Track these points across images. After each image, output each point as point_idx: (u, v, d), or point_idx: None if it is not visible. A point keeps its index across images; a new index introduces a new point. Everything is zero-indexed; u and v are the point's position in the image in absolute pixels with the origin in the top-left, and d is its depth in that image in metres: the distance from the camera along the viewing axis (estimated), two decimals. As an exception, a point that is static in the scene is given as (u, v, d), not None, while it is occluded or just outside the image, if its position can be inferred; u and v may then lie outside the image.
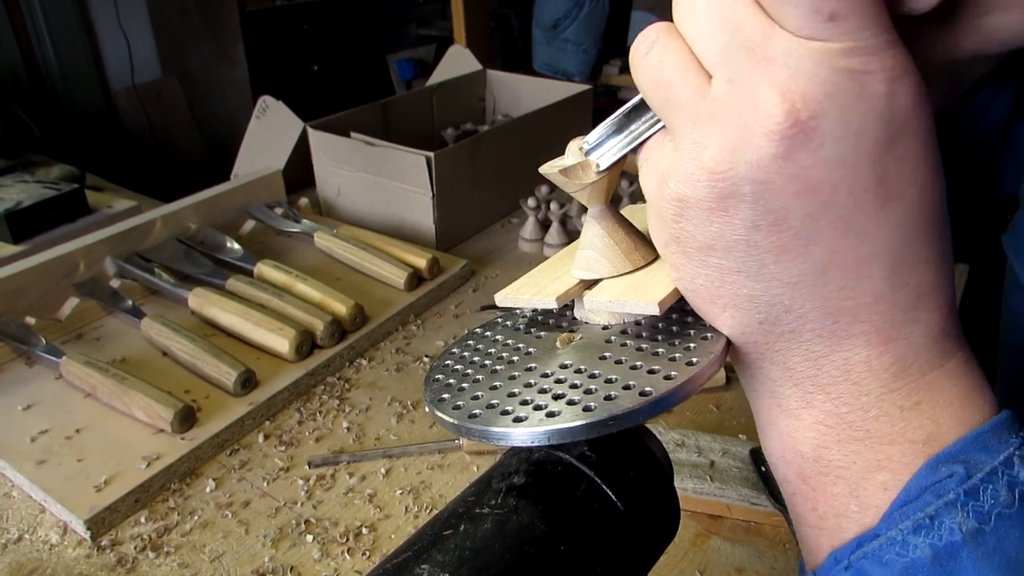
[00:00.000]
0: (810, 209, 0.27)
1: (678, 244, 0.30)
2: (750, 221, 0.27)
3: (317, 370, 0.85)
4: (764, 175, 0.26)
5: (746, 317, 0.30)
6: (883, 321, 0.28)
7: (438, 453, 0.75)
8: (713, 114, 0.27)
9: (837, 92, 0.25)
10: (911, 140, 0.27)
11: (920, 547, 0.27)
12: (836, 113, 0.25)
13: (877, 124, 0.26)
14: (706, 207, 0.28)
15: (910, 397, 0.29)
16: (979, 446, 0.28)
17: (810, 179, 0.26)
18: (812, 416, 0.31)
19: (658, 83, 0.29)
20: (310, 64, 3.18)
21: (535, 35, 2.94)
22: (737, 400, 0.81)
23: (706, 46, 0.27)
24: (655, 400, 0.29)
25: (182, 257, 1.00)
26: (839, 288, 0.28)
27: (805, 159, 0.26)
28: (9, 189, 1.18)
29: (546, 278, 0.38)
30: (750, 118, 0.26)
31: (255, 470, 0.73)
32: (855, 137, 0.26)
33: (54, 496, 0.67)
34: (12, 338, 0.84)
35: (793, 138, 0.25)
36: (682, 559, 0.63)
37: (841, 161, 0.26)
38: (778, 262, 0.28)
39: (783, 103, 0.25)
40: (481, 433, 0.31)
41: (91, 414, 0.77)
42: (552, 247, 1.12)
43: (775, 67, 0.26)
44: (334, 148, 1.17)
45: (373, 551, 0.64)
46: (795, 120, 0.25)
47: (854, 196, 0.26)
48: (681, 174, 0.28)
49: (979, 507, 0.26)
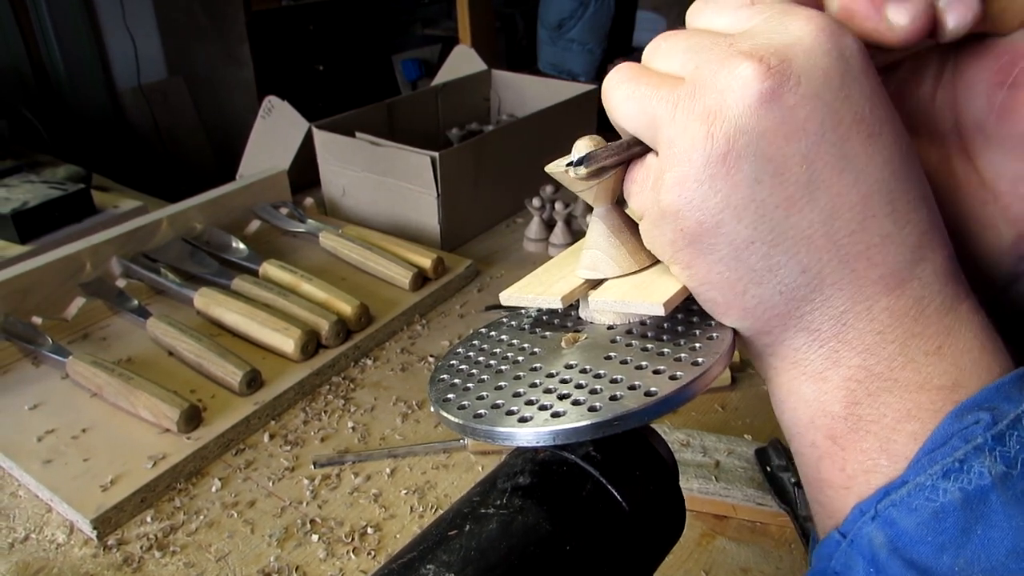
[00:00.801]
0: (804, 151, 0.28)
1: (685, 238, 0.31)
2: (752, 176, 0.28)
3: (322, 370, 0.85)
4: (755, 123, 0.28)
5: (766, 291, 0.30)
6: (896, 261, 0.29)
7: (443, 453, 0.75)
8: (690, 92, 0.29)
9: (794, 41, 0.28)
10: (871, 81, 0.29)
11: (950, 491, 0.27)
12: (800, 56, 0.28)
13: (838, 63, 0.28)
14: (706, 176, 0.29)
15: (932, 341, 0.30)
16: (1002, 395, 0.28)
17: (797, 118, 0.28)
18: (840, 374, 0.31)
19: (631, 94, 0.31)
20: (315, 64, 3.18)
21: (540, 35, 2.94)
22: (742, 400, 0.81)
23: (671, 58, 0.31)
24: (660, 400, 0.29)
25: (188, 257, 1.00)
26: (849, 232, 0.29)
27: (788, 98, 0.28)
28: (16, 189, 1.19)
29: (551, 278, 0.38)
30: (726, 80, 0.28)
31: (261, 470, 0.73)
32: (823, 75, 0.28)
33: (60, 495, 0.67)
34: (19, 338, 0.85)
35: (771, 79, 0.27)
36: (687, 559, 0.63)
37: (819, 97, 0.28)
38: (789, 216, 0.29)
39: (751, 57, 0.28)
40: (486, 433, 0.31)
41: (97, 414, 0.77)
42: (557, 247, 1.12)
43: (735, 40, 0.29)
44: (339, 148, 1.17)
45: (378, 551, 0.64)
46: (767, 67, 0.28)
47: (839, 132, 0.28)
48: (675, 159, 0.29)
49: (1006, 452, 0.27)
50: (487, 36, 1.98)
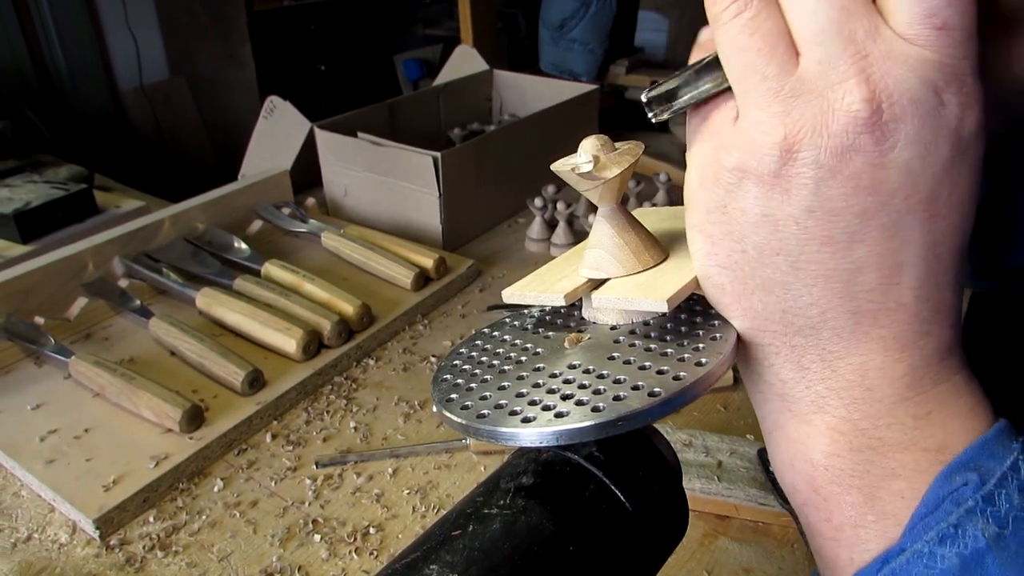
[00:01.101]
0: (866, 206, 0.27)
1: (723, 214, 0.30)
2: (807, 205, 0.28)
3: (324, 370, 0.85)
4: (834, 163, 0.27)
5: (772, 303, 0.30)
6: (901, 329, 0.29)
7: (445, 453, 0.75)
8: (797, 92, 0.27)
9: (919, 102, 0.26)
10: (967, 166, 0.28)
11: (948, 557, 0.27)
12: (915, 122, 0.26)
13: (946, 143, 0.27)
14: (768, 182, 0.28)
15: (922, 407, 0.30)
16: (986, 453, 0.28)
17: (875, 178, 0.27)
18: (824, 421, 0.31)
19: (744, 48, 0.28)
20: (317, 64, 3.18)
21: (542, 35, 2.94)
22: (745, 400, 0.81)
23: (806, 22, 0.27)
24: (664, 401, 0.29)
25: (190, 257, 1.01)
26: (868, 290, 0.29)
27: (876, 157, 0.27)
28: (18, 189, 1.19)
29: (554, 276, 0.38)
30: (835, 104, 0.26)
31: (263, 470, 0.73)
32: (925, 149, 0.27)
33: (63, 495, 0.67)
34: (21, 338, 0.85)
35: (871, 134, 0.26)
36: (690, 559, 0.62)
37: (907, 168, 0.27)
38: (820, 251, 0.28)
39: (871, 99, 0.26)
40: (489, 433, 0.31)
41: (100, 414, 0.77)
42: (559, 247, 1.12)
43: (870, 62, 0.26)
44: (341, 148, 1.17)
45: (380, 551, 0.64)
46: (878, 118, 0.26)
47: (908, 204, 0.27)
48: (749, 145, 0.28)
49: (996, 512, 0.27)
50: (489, 36, 1.98)
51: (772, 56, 0.27)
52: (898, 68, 0.26)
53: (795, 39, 0.28)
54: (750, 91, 0.28)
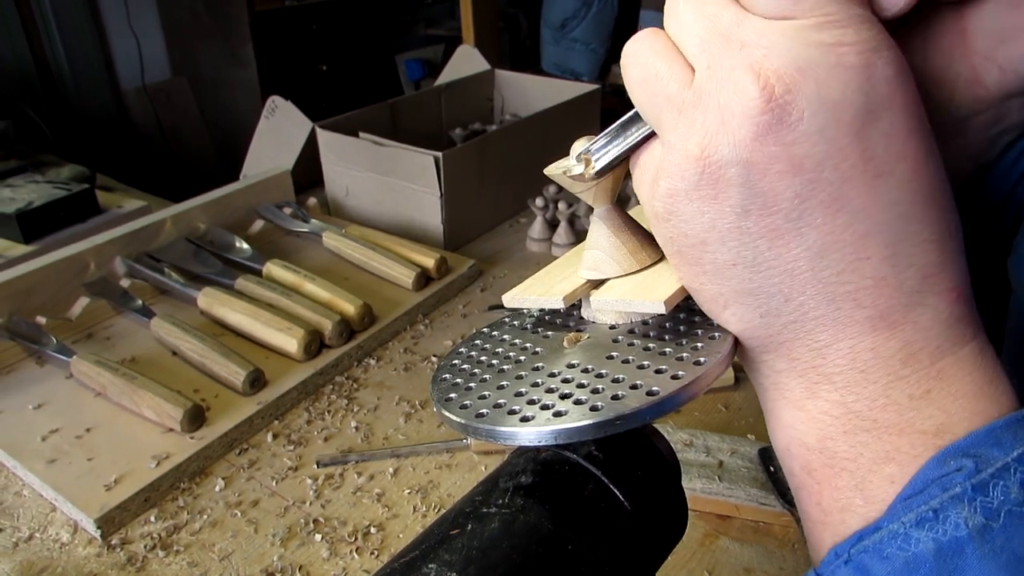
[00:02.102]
0: (797, 188, 0.27)
1: (673, 244, 0.31)
2: (740, 206, 0.28)
3: (325, 370, 0.85)
4: (748, 155, 0.27)
5: (748, 312, 0.30)
6: (887, 305, 0.28)
7: (446, 453, 0.75)
8: (695, 102, 0.28)
9: (810, 66, 0.26)
10: (896, 113, 0.27)
11: (923, 541, 0.26)
12: (811, 86, 0.26)
13: (856, 96, 0.26)
14: (695, 196, 0.28)
15: (920, 385, 0.29)
16: (991, 441, 0.27)
17: (793, 156, 0.26)
18: (817, 407, 0.30)
19: (644, 79, 0.29)
20: (319, 64, 3.18)
21: (543, 35, 2.95)
22: (746, 400, 0.81)
23: (687, 39, 0.28)
24: (662, 400, 0.29)
25: (191, 257, 1.01)
26: (838, 272, 0.28)
27: (786, 135, 0.26)
28: (20, 189, 1.19)
29: (553, 278, 0.38)
30: (728, 100, 0.26)
31: (264, 469, 0.74)
32: (833, 109, 0.26)
33: (64, 495, 0.67)
34: (23, 337, 0.85)
35: (771, 114, 0.26)
36: (690, 559, 0.63)
37: (822, 135, 0.26)
38: (772, 247, 0.28)
39: (757, 81, 0.26)
40: (488, 432, 0.31)
41: (101, 413, 0.78)
42: (560, 247, 1.12)
43: (749, 49, 0.26)
44: (343, 148, 1.17)
45: (381, 550, 0.64)
46: (770, 96, 0.26)
47: (840, 171, 0.26)
48: (669, 166, 0.29)
49: (988, 503, 0.26)
50: (490, 36, 1.98)
51: (669, 76, 0.28)
52: (776, 44, 0.26)
53: (687, 58, 0.29)
54: (659, 117, 0.29)
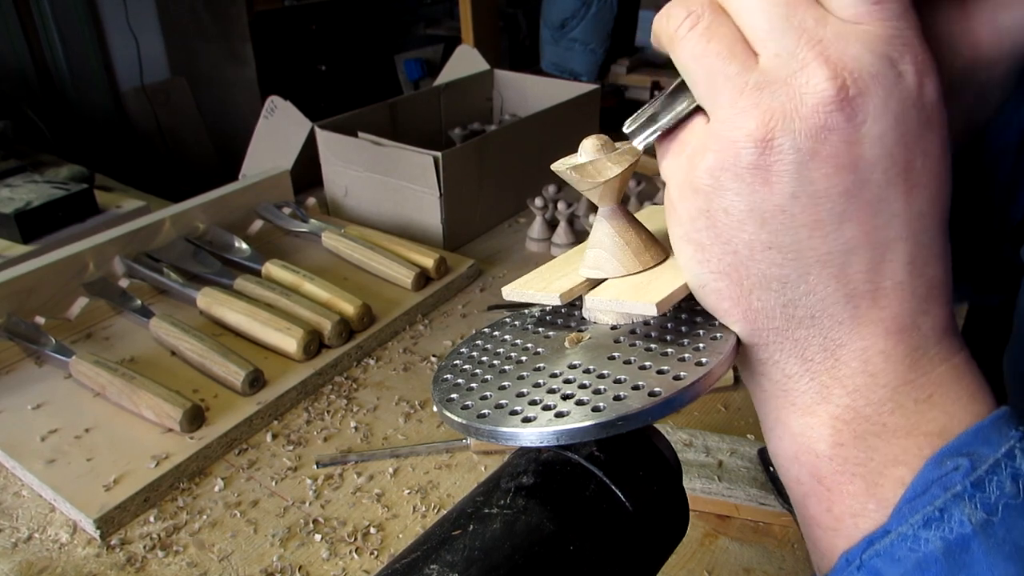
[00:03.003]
0: (848, 184, 0.28)
1: (708, 219, 0.30)
2: (790, 191, 0.28)
3: (325, 370, 0.85)
4: (811, 144, 0.27)
5: (772, 299, 0.30)
6: (900, 309, 0.29)
7: (446, 453, 0.75)
8: (761, 85, 0.28)
9: (880, 75, 0.27)
10: (936, 134, 0.28)
11: (932, 540, 0.27)
12: (880, 94, 0.27)
13: (911, 111, 0.28)
14: (749, 176, 0.28)
15: (924, 390, 0.30)
16: (980, 439, 0.28)
17: (852, 154, 0.27)
18: (828, 411, 0.31)
19: (703, 55, 0.29)
20: (318, 64, 3.18)
21: (543, 34, 2.94)
22: (745, 400, 0.81)
23: (756, 23, 0.28)
24: (664, 401, 0.29)
25: (190, 257, 1.01)
26: (863, 270, 0.29)
27: (851, 133, 0.27)
28: (19, 189, 1.19)
29: (553, 275, 0.38)
30: (801, 89, 0.27)
31: (263, 469, 0.73)
32: (894, 119, 0.27)
33: (64, 495, 0.67)
34: (22, 338, 0.85)
35: (842, 111, 0.27)
36: (690, 559, 0.62)
37: (881, 140, 0.27)
38: (812, 237, 0.29)
39: (835, 78, 0.27)
40: (490, 433, 0.31)
41: (100, 413, 0.77)
42: (559, 247, 1.12)
43: (825, 45, 0.27)
44: (342, 148, 1.17)
45: (381, 550, 0.64)
46: (845, 95, 0.27)
47: (888, 176, 0.28)
48: (723, 143, 0.29)
49: (986, 498, 0.27)
50: (490, 36, 1.98)
51: (732, 57, 0.29)
52: (852, 46, 0.27)
53: (750, 41, 0.29)
54: (717, 94, 0.29)
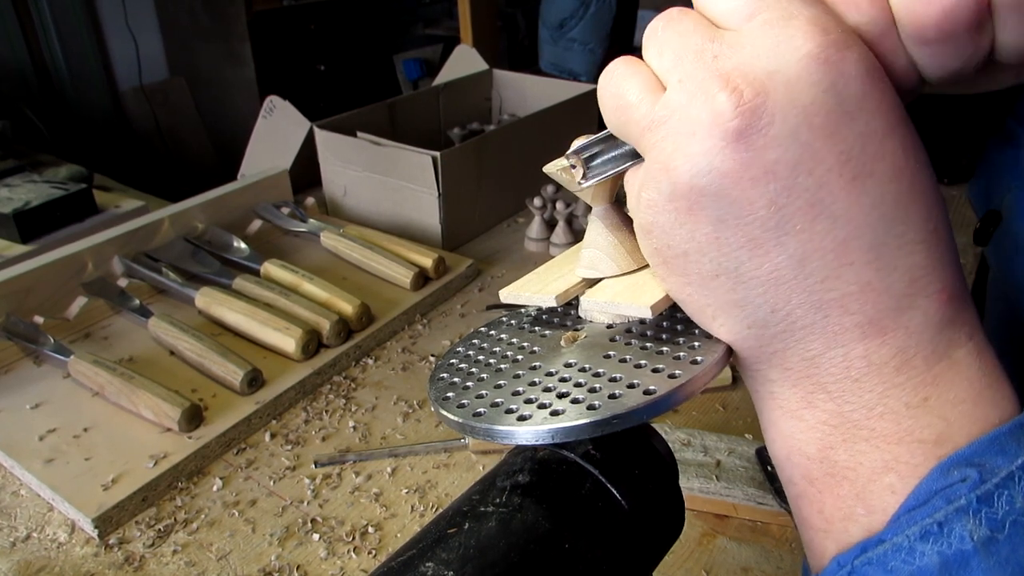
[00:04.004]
0: (772, 195, 0.26)
1: (659, 255, 0.31)
2: (716, 217, 0.27)
3: (323, 369, 0.85)
4: (719, 163, 0.26)
5: (735, 323, 0.30)
6: (875, 310, 0.27)
7: (444, 452, 0.75)
8: (665, 117, 0.28)
9: (780, 69, 0.25)
10: (871, 112, 0.26)
11: (928, 554, 0.26)
12: (781, 90, 0.25)
13: (826, 97, 0.25)
14: (672, 208, 0.28)
15: (916, 393, 0.28)
16: (995, 449, 0.26)
17: (766, 162, 0.26)
18: (815, 416, 0.30)
19: (619, 107, 0.30)
20: (317, 64, 3.18)
21: (541, 34, 2.94)
22: (743, 399, 0.81)
23: (661, 61, 0.29)
24: (659, 399, 0.29)
25: (189, 256, 1.01)
26: (822, 279, 0.27)
27: (756, 140, 0.26)
28: (17, 189, 1.19)
29: (550, 276, 0.38)
30: (698, 110, 0.26)
31: (262, 469, 0.74)
32: (804, 112, 0.25)
33: (62, 494, 0.67)
34: (20, 337, 0.85)
35: (740, 119, 0.25)
36: (688, 558, 0.63)
37: (794, 138, 0.25)
38: (752, 257, 0.28)
39: (726, 88, 0.26)
40: (486, 432, 0.31)
41: (99, 413, 0.77)
42: (558, 247, 1.12)
43: (720, 60, 0.26)
44: (341, 148, 1.17)
45: (379, 550, 0.65)
46: (738, 101, 0.25)
47: (816, 176, 0.26)
48: (648, 180, 0.29)
49: (993, 514, 0.25)
50: (488, 36, 1.98)
51: (641, 101, 0.29)
52: (744, 51, 0.26)
53: (661, 80, 0.29)
54: (638, 140, 0.30)
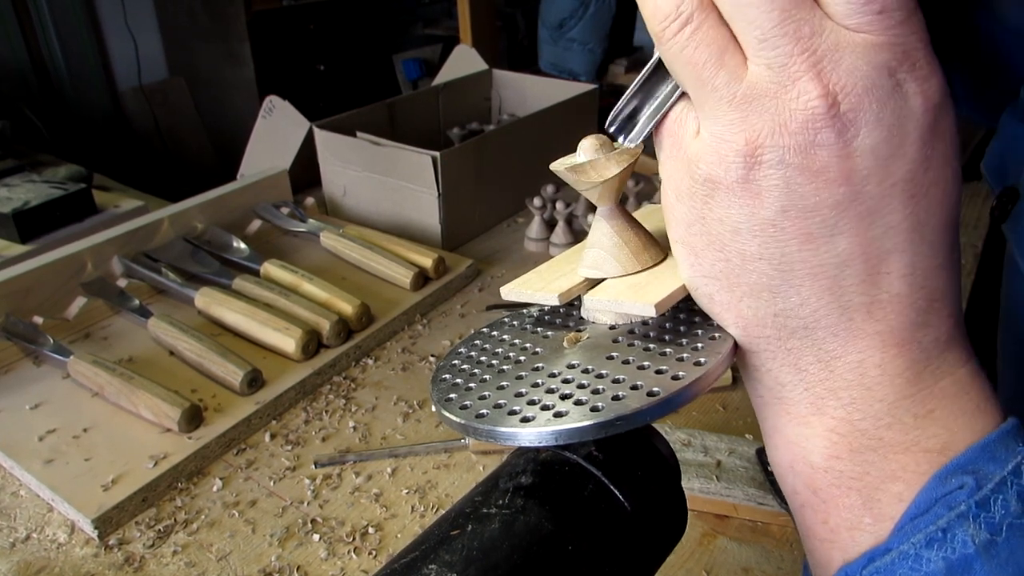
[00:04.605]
0: (839, 198, 0.27)
1: (703, 225, 0.30)
2: (779, 206, 0.28)
3: (323, 370, 0.85)
4: (799, 160, 0.27)
5: (763, 308, 0.30)
6: (897, 322, 0.29)
7: (444, 452, 0.75)
8: (750, 98, 0.27)
9: (874, 87, 0.26)
10: (939, 141, 0.27)
11: (934, 561, 0.26)
12: (873, 107, 0.26)
13: (910, 121, 0.27)
14: (738, 189, 0.28)
15: (924, 405, 0.29)
16: (987, 456, 0.28)
17: (843, 168, 0.27)
18: (823, 423, 0.30)
19: (691, 63, 0.28)
20: (316, 64, 3.18)
21: (541, 34, 2.94)
22: (743, 400, 0.81)
23: (749, 29, 0.27)
24: (663, 400, 0.29)
25: (189, 257, 1.00)
26: (858, 283, 0.28)
27: (841, 148, 0.27)
28: (17, 189, 1.19)
29: (552, 274, 0.38)
30: (790, 104, 0.26)
31: (262, 469, 0.73)
32: (889, 131, 0.27)
33: (62, 495, 0.67)
34: (20, 337, 0.85)
35: (832, 127, 0.26)
36: (688, 559, 0.63)
37: (874, 153, 0.27)
38: (802, 250, 0.28)
39: (825, 94, 0.26)
40: (488, 433, 0.31)
41: (98, 413, 0.77)
42: (558, 247, 1.12)
43: (819, 57, 0.26)
44: (340, 148, 1.17)
45: (379, 550, 0.64)
46: (836, 110, 0.26)
47: (882, 188, 0.27)
48: (714, 155, 0.28)
49: (990, 518, 0.26)
50: (488, 36, 1.98)
51: (720, 66, 0.27)
52: (847, 58, 0.26)
53: (742, 46, 0.27)
54: (704, 103, 0.28)
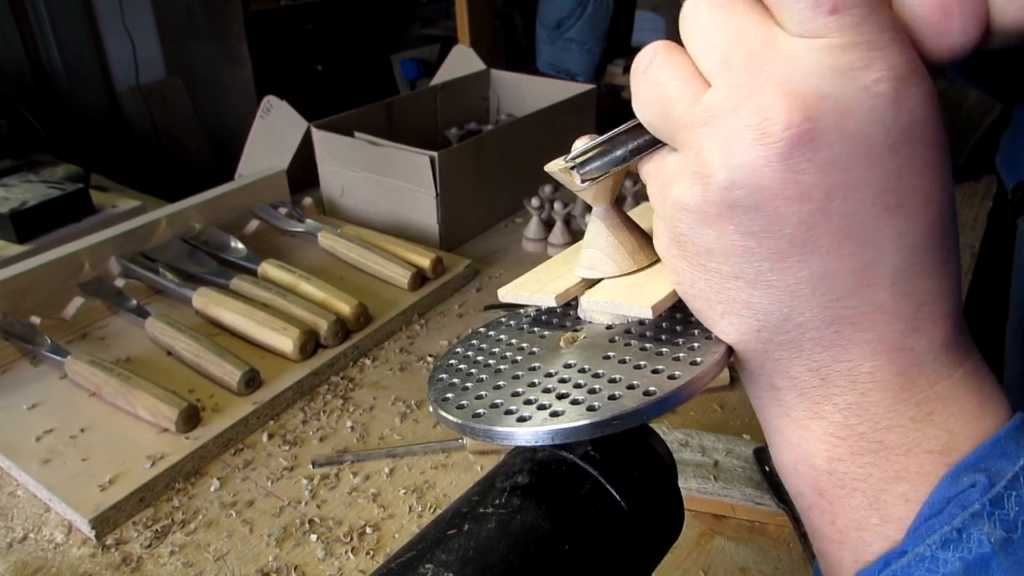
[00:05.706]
0: (804, 215, 0.26)
1: (679, 247, 0.30)
2: (745, 227, 0.27)
3: (321, 370, 0.85)
4: (757, 179, 0.26)
5: (744, 324, 0.30)
6: (886, 330, 0.28)
7: (442, 452, 0.75)
8: (707, 120, 0.27)
9: (836, 93, 0.25)
10: (915, 147, 0.26)
11: (951, 562, 0.26)
12: (833, 116, 0.25)
13: (877, 128, 0.25)
14: (702, 212, 0.28)
15: (921, 408, 0.29)
16: (998, 452, 0.27)
17: (803, 184, 0.26)
18: (822, 428, 0.30)
19: (657, 99, 0.29)
20: (314, 64, 3.18)
21: (539, 34, 2.95)
22: (741, 400, 0.81)
23: (707, 55, 0.27)
24: (659, 400, 0.29)
25: (186, 257, 1.00)
26: (839, 297, 0.28)
27: (800, 163, 0.25)
28: (14, 189, 1.19)
29: (549, 275, 0.38)
30: (745, 122, 0.26)
31: (259, 469, 0.73)
32: (851, 142, 0.25)
33: (59, 495, 0.67)
34: (17, 337, 0.85)
35: (787, 141, 0.25)
36: (686, 559, 0.63)
37: (835, 166, 0.25)
38: (775, 269, 0.28)
39: (777, 105, 0.25)
40: (485, 433, 0.31)
41: (96, 413, 0.77)
42: (556, 247, 1.12)
43: (774, 70, 0.25)
44: (338, 148, 1.17)
45: (377, 550, 0.64)
46: (788, 123, 0.25)
47: (850, 203, 0.26)
48: (680, 179, 0.29)
49: (1005, 515, 0.26)
50: (486, 36, 1.98)
51: (682, 96, 0.28)
52: (801, 68, 0.25)
53: (704, 74, 0.28)
54: (672, 135, 0.29)
